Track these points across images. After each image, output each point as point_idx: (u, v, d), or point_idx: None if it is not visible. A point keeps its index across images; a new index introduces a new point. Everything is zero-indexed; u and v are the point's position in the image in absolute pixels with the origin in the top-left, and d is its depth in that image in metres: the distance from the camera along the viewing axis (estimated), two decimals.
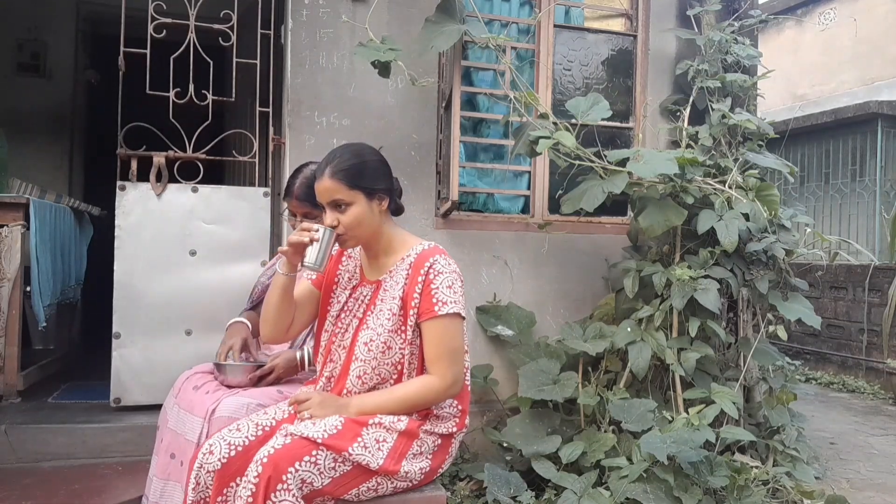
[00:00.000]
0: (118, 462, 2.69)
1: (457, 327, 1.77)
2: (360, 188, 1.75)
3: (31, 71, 4.85)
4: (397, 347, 1.77)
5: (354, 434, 1.67)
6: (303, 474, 1.56)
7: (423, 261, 1.78)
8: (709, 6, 3.54)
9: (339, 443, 1.63)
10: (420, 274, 1.76)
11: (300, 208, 2.25)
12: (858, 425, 4.27)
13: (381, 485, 1.70)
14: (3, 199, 2.99)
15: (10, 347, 2.91)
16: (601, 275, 3.38)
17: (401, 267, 1.81)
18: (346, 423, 1.68)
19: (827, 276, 5.70)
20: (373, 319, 1.79)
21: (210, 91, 3.00)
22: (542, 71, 3.39)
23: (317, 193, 1.79)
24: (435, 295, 1.75)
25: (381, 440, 1.70)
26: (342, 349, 1.82)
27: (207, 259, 2.96)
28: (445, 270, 1.78)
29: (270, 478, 1.52)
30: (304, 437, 1.60)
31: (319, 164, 1.81)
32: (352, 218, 1.74)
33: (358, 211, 1.74)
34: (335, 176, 1.73)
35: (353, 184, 1.74)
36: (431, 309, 1.74)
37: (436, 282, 1.75)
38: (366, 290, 1.85)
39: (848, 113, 6.74)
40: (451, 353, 1.76)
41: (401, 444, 1.73)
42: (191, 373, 2.24)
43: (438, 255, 1.80)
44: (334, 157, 1.77)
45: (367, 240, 1.82)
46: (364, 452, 1.65)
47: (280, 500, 1.52)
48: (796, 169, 3.46)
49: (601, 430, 2.84)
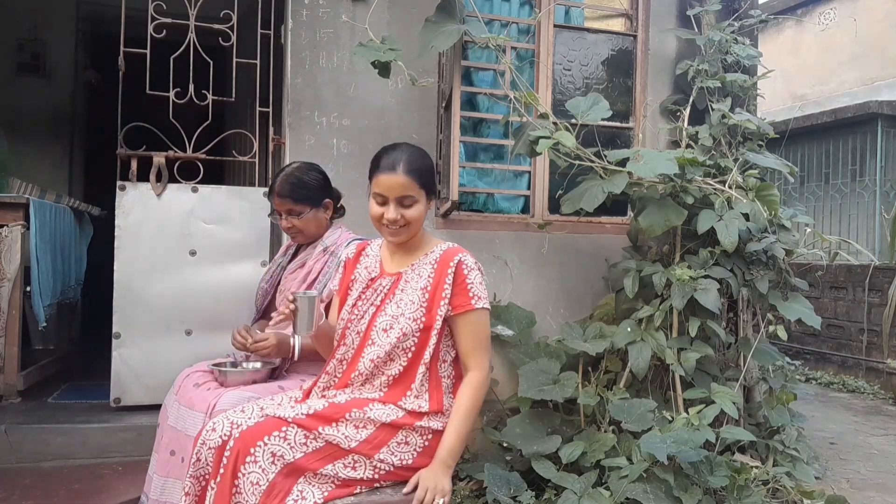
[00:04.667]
0: (118, 462, 2.69)
1: (488, 320, 1.90)
2: (426, 187, 1.86)
3: (31, 71, 4.86)
4: (412, 334, 1.81)
5: (333, 420, 1.71)
6: (272, 448, 1.62)
7: (450, 257, 1.86)
8: (709, 6, 3.54)
9: (310, 422, 1.68)
10: (449, 268, 1.84)
11: (282, 205, 2.28)
12: (858, 425, 4.27)
13: (357, 463, 1.71)
14: (3, 199, 2.99)
15: (10, 347, 2.92)
16: (601, 275, 3.38)
17: (424, 262, 1.89)
18: (329, 406, 1.73)
19: (827, 276, 5.70)
20: (391, 307, 1.84)
21: (210, 91, 3.00)
22: (542, 71, 3.39)
23: (385, 187, 1.81)
24: (471, 289, 1.83)
25: (361, 427, 1.73)
26: (356, 334, 1.85)
27: (207, 259, 2.96)
28: (475, 267, 1.88)
29: (240, 451, 1.59)
30: (276, 417, 1.67)
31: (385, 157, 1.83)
32: (416, 214, 1.84)
33: (421, 209, 1.85)
34: (410, 174, 1.81)
35: (423, 182, 1.84)
36: (468, 302, 1.83)
37: (470, 277, 1.84)
38: (385, 280, 1.91)
39: (848, 113, 6.74)
40: (486, 343, 1.88)
41: (381, 432, 1.75)
42: (191, 370, 2.24)
43: (465, 253, 1.89)
44: (403, 155, 1.83)
45: (412, 236, 1.90)
46: (336, 433, 1.70)
47: (249, 471, 1.58)
48: (796, 169, 3.46)
49: (601, 430, 2.83)
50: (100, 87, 5.25)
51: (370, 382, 1.82)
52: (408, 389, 1.80)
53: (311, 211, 2.29)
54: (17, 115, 4.69)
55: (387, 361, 1.81)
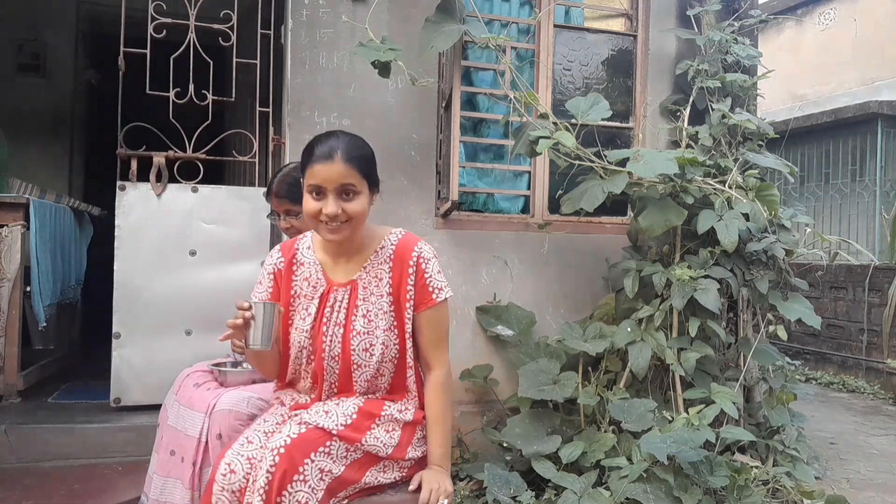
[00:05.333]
0: (118, 462, 2.69)
1: (448, 309, 1.81)
2: (368, 178, 1.67)
3: (31, 71, 4.86)
4: (393, 344, 1.74)
5: (366, 427, 1.69)
6: (319, 464, 1.55)
7: (407, 251, 1.74)
8: (709, 6, 3.54)
9: (353, 434, 1.65)
10: (409, 266, 1.73)
11: (280, 205, 2.28)
12: (858, 425, 4.27)
13: (387, 466, 1.72)
14: (3, 199, 2.99)
15: (10, 347, 2.92)
16: (601, 275, 3.38)
17: (377, 261, 1.75)
18: (360, 412, 1.69)
19: (827, 276, 5.70)
20: (360, 323, 1.71)
21: (210, 91, 3.00)
22: (542, 71, 3.39)
23: (321, 178, 1.63)
24: (430, 283, 1.75)
25: (392, 430, 1.73)
26: (334, 361, 1.72)
27: (207, 259, 2.96)
28: (431, 256, 1.77)
29: (286, 470, 1.49)
30: (318, 427, 1.60)
31: (319, 146, 1.67)
32: (358, 207, 1.64)
33: (364, 201, 1.66)
34: (350, 161, 1.62)
35: (365, 172, 1.65)
36: (430, 298, 1.74)
37: (428, 270, 1.75)
38: (339, 293, 1.74)
39: (848, 113, 6.74)
40: (446, 335, 1.81)
41: (406, 433, 1.76)
42: (191, 370, 2.24)
43: (420, 243, 1.77)
44: (341, 143, 1.64)
45: (355, 233, 1.71)
46: (376, 443, 1.68)
47: (296, 490, 1.49)
48: (796, 169, 3.46)
49: (601, 430, 2.83)
50: (100, 87, 5.25)
51: (369, 395, 1.79)
52: (404, 389, 1.80)
53: None
54: (17, 115, 4.69)
55: (377, 377, 1.75)
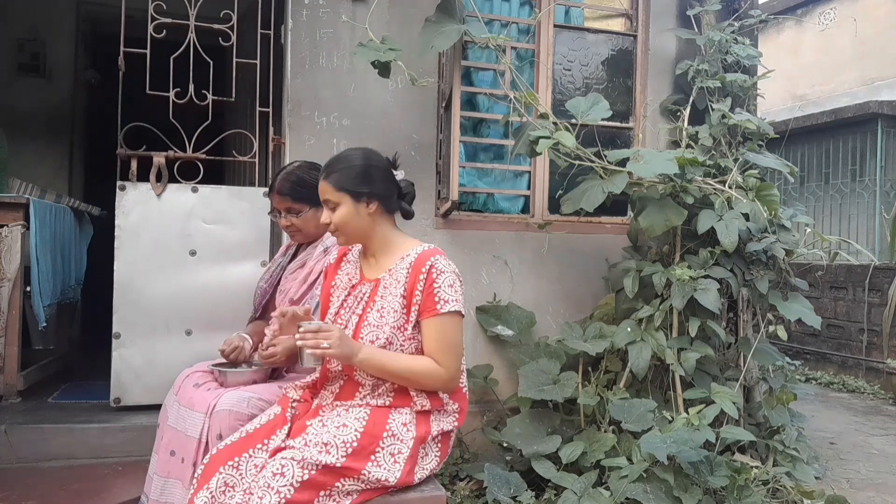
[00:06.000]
0: (118, 462, 2.69)
1: (457, 325, 1.82)
2: (346, 191, 1.86)
3: (31, 71, 4.85)
4: (398, 343, 1.81)
5: (370, 451, 1.70)
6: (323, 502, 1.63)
7: (424, 260, 1.83)
8: (709, 6, 3.54)
9: (357, 463, 1.67)
10: (421, 273, 1.81)
11: (282, 203, 2.29)
12: (858, 425, 4.27)
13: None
14: (3, 199, 2.98)
15: (10, 347, 2.91)
16: (601, 275, 3.38)
17: (400, 266, 1.86)
18: (361, 438, 1.70)
19: (827, 276, 5.70)
20: (373, 315, 1.84)
21: (210, 91, 3.00)
22: (542, 71, 3.39)
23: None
24: (437, 293, 1.80)
25: (397, 452, 1.74)
26: None
27: (207, 259, 2.96)
28: (447, 270, 1.83)
29: None
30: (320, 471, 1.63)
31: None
32: (338, 218, 1.87)
33: (344, 211, 1.86)
34: (327, 178, 1.88)
35: (339, 186, 1.86)
36: (434, 307, 1.79)
37: (438, 280, 1.81)
38: (365, 287, 1.91)
39: (848, 113, 6.74)
40: (450, 347, 1.81)
41: (414, 452, 1.76)
42: (191, 370, 2.24)
43: (439, 256, 1.86)
44: (332, 161, 1.92)
45: (358, 239, 1.93)
46: (380, 471, 1.70)
47: None
48: (796, 169, 3.46)
49: (601, 430, 2.83)
50: (100, 87, 5.25)
51: (376, 391, 1.81)
52: (408, 394, 1.80)
53: (310, 210, 2.29)
54: (17, 115, 4.69)
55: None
